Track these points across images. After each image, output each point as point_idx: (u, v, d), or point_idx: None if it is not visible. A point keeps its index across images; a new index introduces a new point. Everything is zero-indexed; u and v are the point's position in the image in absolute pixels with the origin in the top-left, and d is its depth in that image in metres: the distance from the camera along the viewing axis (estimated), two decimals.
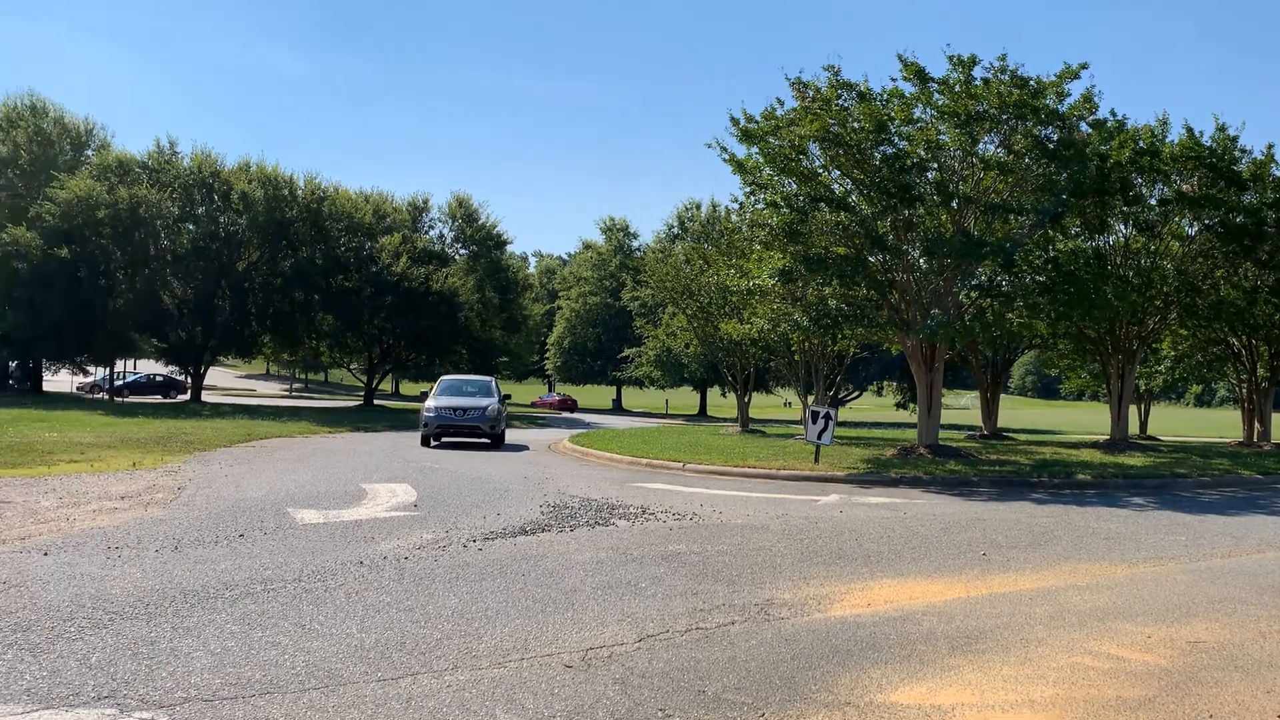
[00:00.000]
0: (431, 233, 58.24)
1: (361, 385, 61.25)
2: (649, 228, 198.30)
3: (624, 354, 64.09)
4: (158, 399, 54.55)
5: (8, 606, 6.16)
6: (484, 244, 58.24)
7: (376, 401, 56.75)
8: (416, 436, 25.05)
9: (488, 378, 28.39)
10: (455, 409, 23.15)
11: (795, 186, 20.65)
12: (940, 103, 19.56)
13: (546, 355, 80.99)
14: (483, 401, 23.90)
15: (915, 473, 17.55)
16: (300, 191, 49.79)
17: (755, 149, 20.83)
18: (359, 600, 6.66)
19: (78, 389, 60.10)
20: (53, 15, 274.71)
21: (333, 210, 49.90)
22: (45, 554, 7.96)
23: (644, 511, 11.70)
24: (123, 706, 4.47)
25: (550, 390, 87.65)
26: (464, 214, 58.40)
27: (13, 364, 59.11)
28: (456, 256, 57.87)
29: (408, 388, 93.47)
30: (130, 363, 64.62)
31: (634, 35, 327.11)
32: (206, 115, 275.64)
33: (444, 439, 23.38)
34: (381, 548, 8.71)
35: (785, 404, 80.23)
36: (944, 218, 20.62)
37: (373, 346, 54.55)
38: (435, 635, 5.82)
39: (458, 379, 27.04)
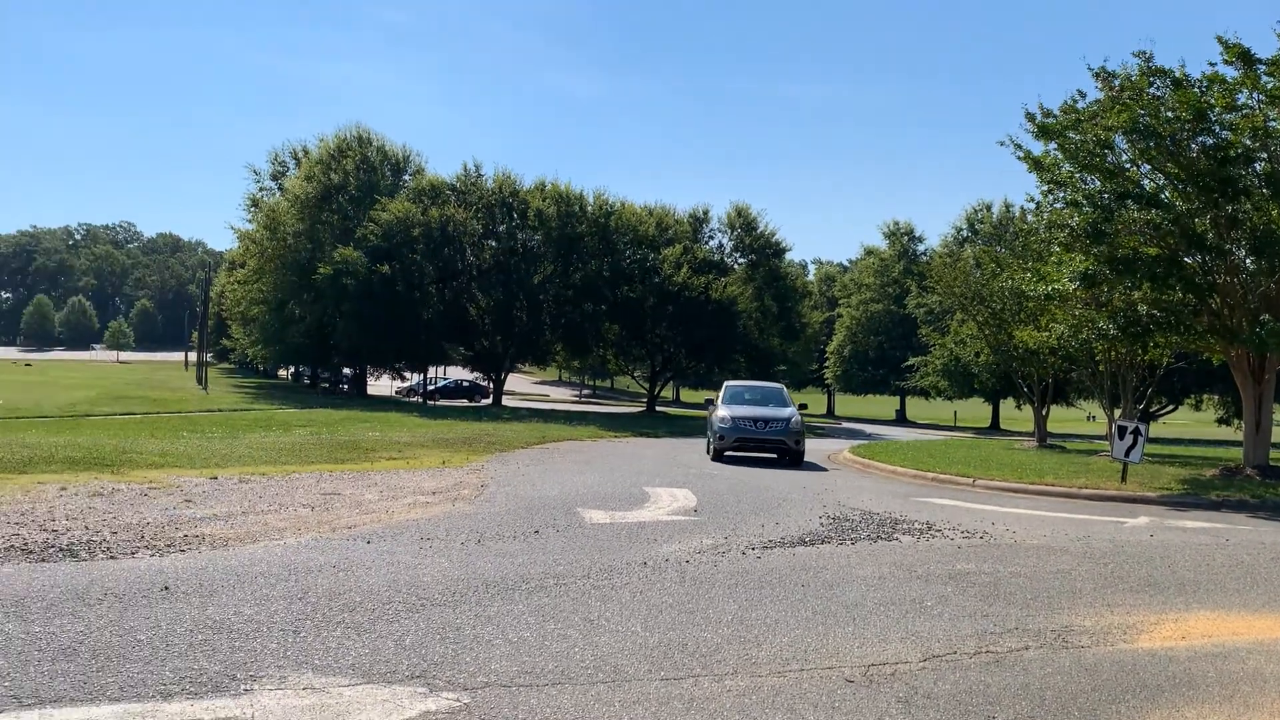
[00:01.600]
0: (711, 243, 59.20)
1: (644, 392, 63.22)
2: (934, 231, 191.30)
3: (908, 363, 62.07)
4: (464, 403, 58.95)
5: (337, 588, 6.86)
6: (762, 252, 58.46)
7: (658, 408, 58.38)
8: (696, 443, 25.43)
9: (778, 384, 26.10)
10: (755, 420, 20.57)
11: (1099, 183, 19.20)
12: (1270, 86, 17.52)
13: (826, 364, 79.97)
14: (783, 411, 21.33)
15: (1240, 496, 15.79)
16: (589, 207, 52.23)
17: (1053, 145, 19.57)
18: (643, 600, 6.87)
19: (396, 392, 66.20)
20: (380, 57, 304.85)
21: (619, 224, 51.97)
22: (368, 542, 8.80)
23: (929, 528, 11.28)
24: (432, 686, 4.85)
25: (830, 400, 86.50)
26: (743, 223, 58.91)
27: (344, 370, 66.12)
28: (735, 266, 58.47)
29: (688, 395, 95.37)
30: (441, 369, 70.34)
31: (905, 34, 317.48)
32: (507, 139, 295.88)
33: (740, 454, 20.85)
34: (664, 550, 8.93)
35: (1088, 418, 74.67)
36: (1275, 213, 18.43)
37: (655, 355, 56.17)
38: (715, 639, 5.89)
39: (747, 385, 24.95)
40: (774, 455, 20.69)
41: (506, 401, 55.47)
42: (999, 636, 6.24)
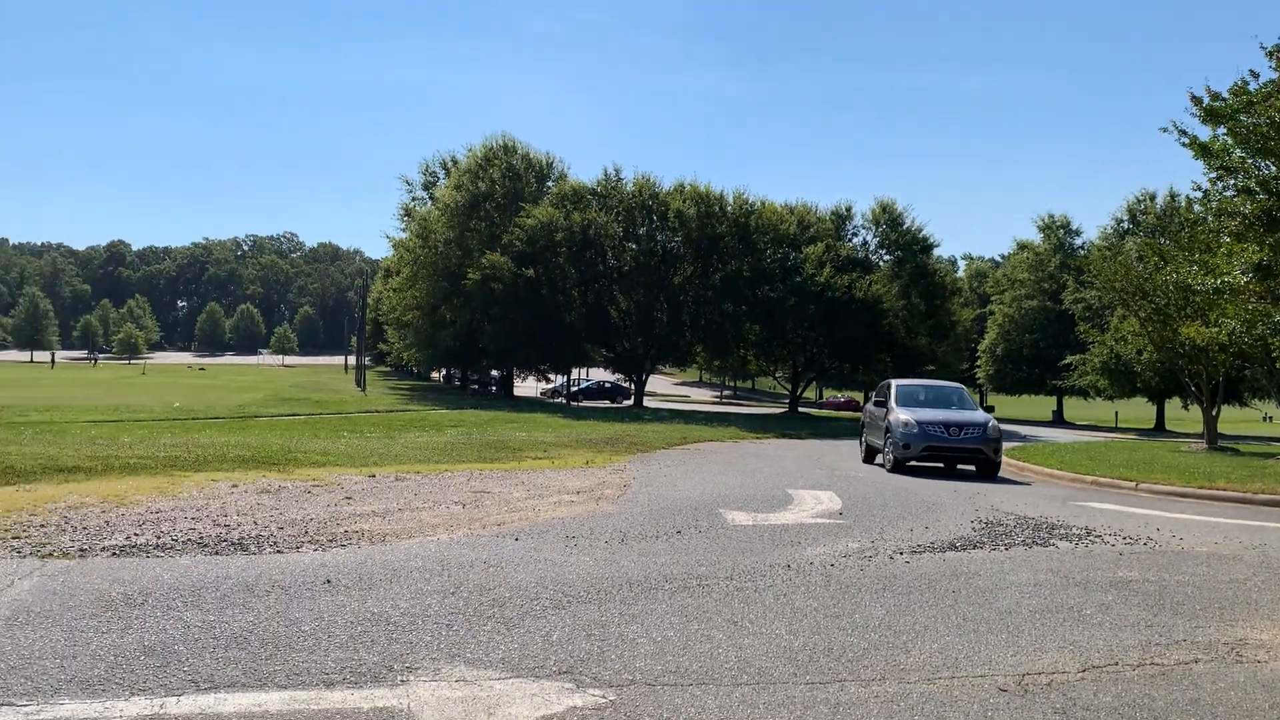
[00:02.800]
0: (854, 240, 58.17)
1: (786, 393, 62.63)
2: (1091, 224, 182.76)
3: (1065, 361, 59.48)
4: (605, 404, 59.73)
5: (487, 584, 7.06)
6: (908, 249, 57.08)
7: (800, 409, 57.75)
8: (840, 445, 25.03)
9: (954, 384, 22.94)
10: (946, 425, 18.16)
11: (1274, 168, 17.98)
12: None
13: (977, 363, 77.42)
14: (977, 416, 18.94)
15: None
16: (729, 207, 52.11)
17: (1222, 129, 18.44)
18: (787, 603, 6.80)
19: (541, 394, 67.65)
20: (525, 68, 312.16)
21: (759, 224, 51.67)
22: (516, 539, 9.01)
23: (1089, 533, 10.78)
24: (579, 682, 4.94)
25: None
26: (887, 219, 57.64)
27: (492, 372, 67.99)
28: (880, 263, 57.28)
29: (831, 396, 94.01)
30: (583, 370, 71.52)
31: (1057, 20, 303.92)
32: (646, 143, 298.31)
33: (925, 464, 18.71)
34: (808, 553, 8.83)
35: (1265, 418, 69.96)
36: None
37: (796, 355, 55.59)
38: (862, 644, 5.79)
39: (922, 384, 22.08)
40: (971, 467, 18.52)
41: (647, 403, 55.90)
42: (1165, 648, 5.91)
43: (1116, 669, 5.44)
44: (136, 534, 8.61)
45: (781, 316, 50.36)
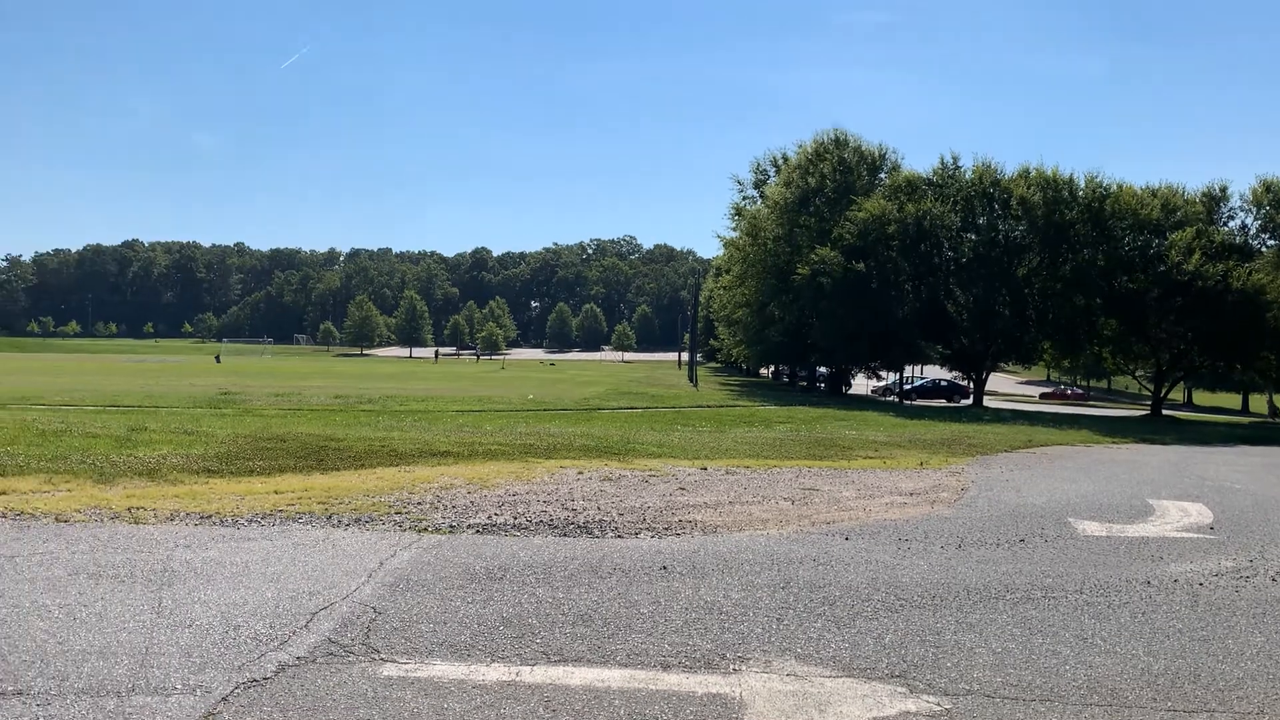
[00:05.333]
0: (1231, 224, 51.88)
1: (1147, 394, 57.15)
2: None
3: None
4: (941, 403, 57.54)
5: (817, 581, 7.04)
6: None
7: (1164, 411, 52.44)
8: (1213, 452, 22.51)
9: None
10: None
11: None
12: None
13: None
14: None
15: None
16: (1080, 192, 48.31)
17: None
18: (1145, 622, 6.23)
19: (872, 391, 66.36)
20: (853, 60, 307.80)
21: (1115, 208, 47.44)
22: (846, 539, 8.92)
23: None
24: (911, 687, 4.81)
25: None
26: (1271, 200, 50.80)
27: (820, 368, 67.67)
28: (1262, 249, 50.67)
29: (1201, 397, 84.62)
30: (917, 368, 69.27)
31: None
32: (986, 128, 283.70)
33: None
34: (1171, 569, 8.02)
35: None
36: None
37: (1160, 352, 50.51)
38: (1235, 673, 5.18)
39: None
40: None
41: (987, 402, 53.18)
42: None
43: None
44: (496, 514, 9.44)
45: (1141, 309, 45.96)
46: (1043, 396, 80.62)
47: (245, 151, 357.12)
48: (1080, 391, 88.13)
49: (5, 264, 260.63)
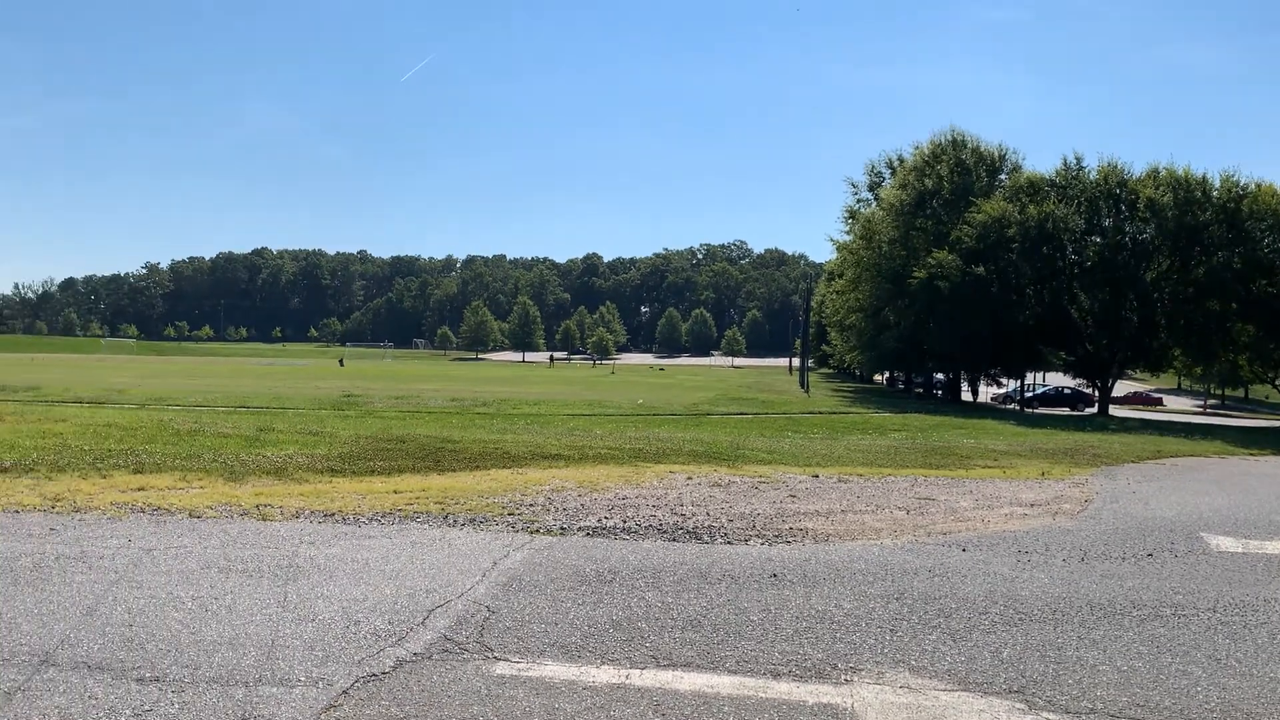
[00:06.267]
0: None
1: None
2: None
3: None
4: (1064, 411, 55.60)
5: (932, 593, 6.89)
6: None
7: None
8: None
9: None
10: None
11: None
12: None
13: None
14: None
15: None
16: (1214, 192, 46.08)
17: None
18: None
19: (991, 399, 64.57)
20: (971, 58, 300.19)
21: (1253, 209, 45.05)
22: (963, 550, 8.69)
23: None
24: (1030, 704, 4.66)
25: None
26: None
27: (936, 375, 66.16)
28: None
29: None
30: (1038, 375, 67.10)
31: None
32: (1113, 127, 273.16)
33: None
34: None
35: None
36: None
37: None
38: None
39: None
40: None
41: (1114, 411, 51.15)
42: None
43: None
44: (607, 517, 9.52)
45: None
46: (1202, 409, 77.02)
47: (367, 162, 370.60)
48: (1217, 401, 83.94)
49: (144, 271, 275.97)
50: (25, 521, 8.41)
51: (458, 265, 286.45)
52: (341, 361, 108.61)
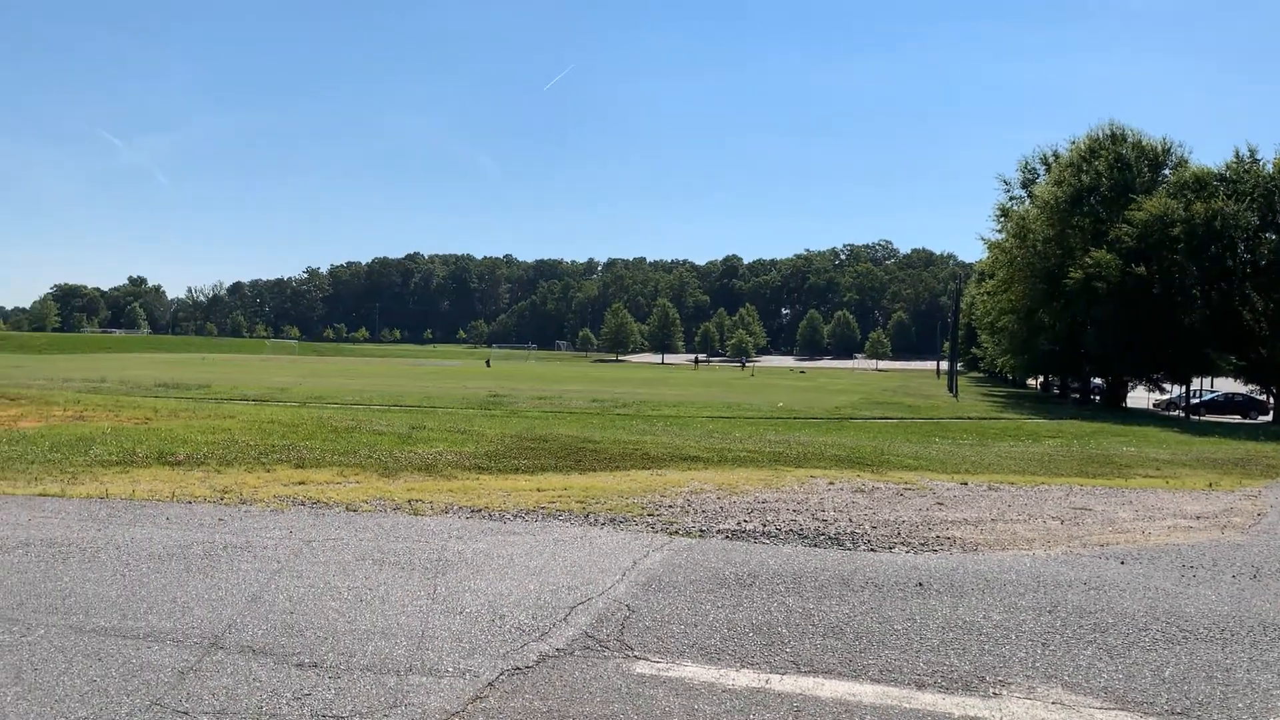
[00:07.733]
0: None
1: None
2: None
3: None
4: (1235, 419, 52.31)
5: (1088, 606, 6.59)
6: None
7: None
8: None
9: None
10: None
11: None
12: None
13: None
14: None
15: None
16: None
17: None
18: None
19: (1154, 405, 61.22)
20: (1130, 49, 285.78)
21: None
22: (1121, 563, 8.28)
23: None
24: None
25: None
26: None
27: (1094, 380, 63.18)
28: None
29: None
30: (1206, 380, 63.29)
31: None
32: None
33: None
34: None
35: None
36: None
37: None
38: None
39: None
40: None
41: None
42: None
43: None
44: (746, 520, 9.48)
45: None
46: None
47: (513, 168, 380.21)
48: None
49: (305, 275, 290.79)
50: (197, 512, 8.98)
51: (599, 268, 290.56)
52: (488, 363, 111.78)
